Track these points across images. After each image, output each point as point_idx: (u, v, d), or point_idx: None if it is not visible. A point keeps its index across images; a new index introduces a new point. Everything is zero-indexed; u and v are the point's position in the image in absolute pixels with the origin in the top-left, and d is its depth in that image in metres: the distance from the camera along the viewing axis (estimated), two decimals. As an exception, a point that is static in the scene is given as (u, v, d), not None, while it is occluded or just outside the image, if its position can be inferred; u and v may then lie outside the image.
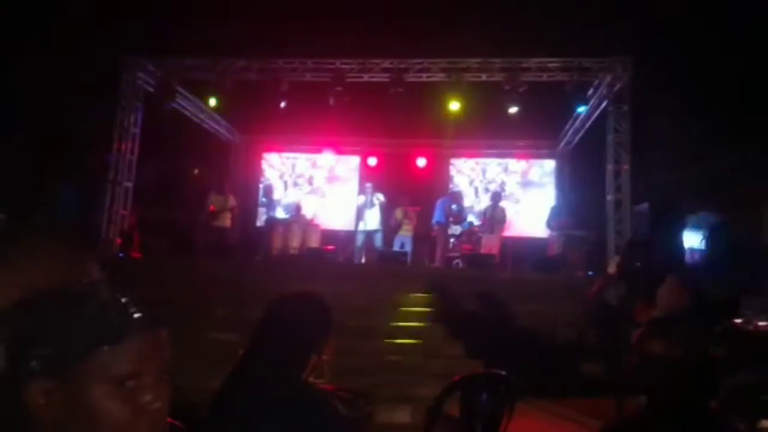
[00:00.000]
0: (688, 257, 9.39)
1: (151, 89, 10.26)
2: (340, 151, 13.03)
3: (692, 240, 9.81)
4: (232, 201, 10.25)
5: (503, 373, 3.07)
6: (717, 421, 1.75)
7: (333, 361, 1.83)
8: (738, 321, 4.07)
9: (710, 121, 10.18)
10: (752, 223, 9.66)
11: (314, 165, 13.16)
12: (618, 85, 9.34)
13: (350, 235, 10.97)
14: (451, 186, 12.42)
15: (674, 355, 1.70)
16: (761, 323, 3.98)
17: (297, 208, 10.90)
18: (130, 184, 10.11)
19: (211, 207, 9.99)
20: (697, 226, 9.91)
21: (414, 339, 6.13)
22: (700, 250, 9.49)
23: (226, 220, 10.14)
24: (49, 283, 0.86)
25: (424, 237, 10.56)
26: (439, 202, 10.30)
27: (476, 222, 10.83)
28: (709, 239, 9.35)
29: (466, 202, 11.55)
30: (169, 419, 0.90)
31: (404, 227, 10.25)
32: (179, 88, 10.38)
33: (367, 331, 6.13)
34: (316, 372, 1.76)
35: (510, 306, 6.79)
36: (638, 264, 3.50)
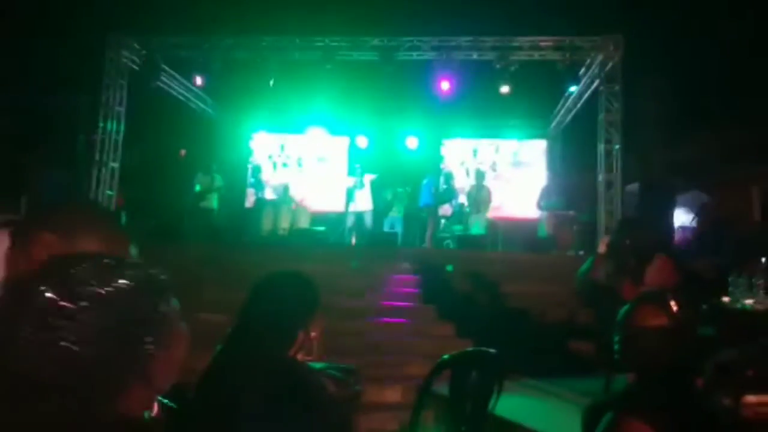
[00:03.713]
0: (677, 236, 9.46)
1: (136, 68, 10.06)
2: (329, 131, 12.91)
3: (682, 219, 9.88)
4: (218, 181, 10.13)
5: (492, 350, 3.08)
6: (703, 397, 1.76)
7: (322, 339, 1.81)
8: (725, 300, 4.10)
9: (701, 100, 10.19)
10: (741, 203, 9.74)
11: (303, 145, 13.05)
12: (609, 64, 9.27)
13: (340, 216, 10.93)
14: (442, 166, 12.37)
15: (660, 331, 1.70)
16: (748, 301, 4.01)
17: (286, 189, 10.82)
18: (116, 165, 9.95)
19: (198, 187, 9.89)
20: (686, 206, 9.97)
21: (404, 319, 6.15)
22: (690, 229, 9.56)
23: (212, 201, 10.03)
24: None
25: (414, 217, 10.55)
26: (423, 185, 10.29)
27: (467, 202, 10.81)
28: (699, 218, 9.42)
29: (458, 183, 11.52)
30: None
31: (394, 208, 10.24)
32: (165, 67, 10.19)
33: (357, 311, 6.15)
34: (305, 349, 1.75)
35: (500, 286, 6.82)
36: (627, 242, 3.49)
